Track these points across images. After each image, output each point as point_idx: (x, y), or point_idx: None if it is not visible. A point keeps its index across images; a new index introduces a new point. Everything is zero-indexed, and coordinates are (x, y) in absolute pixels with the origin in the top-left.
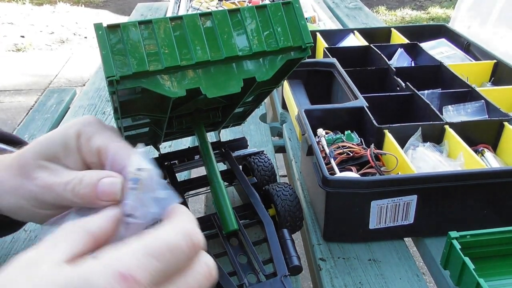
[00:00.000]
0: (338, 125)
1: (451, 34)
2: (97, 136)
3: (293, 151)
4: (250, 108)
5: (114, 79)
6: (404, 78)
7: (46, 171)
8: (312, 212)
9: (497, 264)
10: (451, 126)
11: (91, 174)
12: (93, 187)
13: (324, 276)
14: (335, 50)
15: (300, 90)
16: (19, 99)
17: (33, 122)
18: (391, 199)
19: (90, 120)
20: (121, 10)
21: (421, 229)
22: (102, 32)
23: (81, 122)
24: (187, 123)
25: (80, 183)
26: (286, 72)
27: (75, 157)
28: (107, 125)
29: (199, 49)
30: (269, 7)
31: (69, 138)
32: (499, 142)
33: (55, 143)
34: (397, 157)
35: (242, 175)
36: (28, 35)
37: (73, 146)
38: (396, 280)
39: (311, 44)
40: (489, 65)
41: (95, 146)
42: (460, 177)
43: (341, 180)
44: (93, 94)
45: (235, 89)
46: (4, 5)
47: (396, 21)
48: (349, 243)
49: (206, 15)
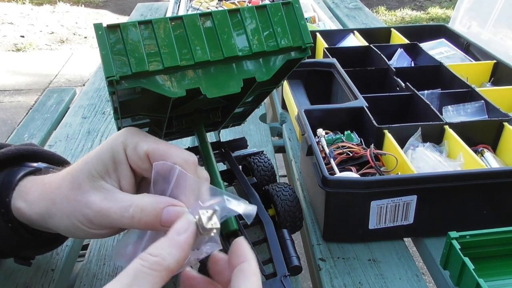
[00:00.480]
0: (338, 125)
1: (450, 34)
2: (143, 142)
3: (293, 151)
4: (250, 108)
5: (114, 79)
6: (404, 78)
7: (100, 194)
8: (312, 212)
9: (497, 264)
10: (450, 126)
11: (151, 202)
12: (156, 216)
13: (324, 276)
14: (335, 50)
15: (300, 90)
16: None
17: (32, 122)
18: (391, 199)
19: (131, 131)
20: (121, 10)
21: (421, 229)
22: (102, 32)
23: (123, 134)
24: (187, 123)
25: (141, 212)
26: (286, 72)
27: (125, 168)
28: (146, 132)
29: (199, 49)
30: (269, 7)
31: (116, 152)
32: (499, 142)
33: (104, 160)
34: (397, 157)
35: (242, 175)
36: (28, 35)
37: (121, 157)
38: (395, 280)
39: (311, 44)
40: (488, 65)
41: (143, 151)
42: (459, 177)
43: (341, 180)
44: (93, 94)
45: (235, 89)
46: (4, 5)
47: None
48: (349, 243)
49: (206, 15)
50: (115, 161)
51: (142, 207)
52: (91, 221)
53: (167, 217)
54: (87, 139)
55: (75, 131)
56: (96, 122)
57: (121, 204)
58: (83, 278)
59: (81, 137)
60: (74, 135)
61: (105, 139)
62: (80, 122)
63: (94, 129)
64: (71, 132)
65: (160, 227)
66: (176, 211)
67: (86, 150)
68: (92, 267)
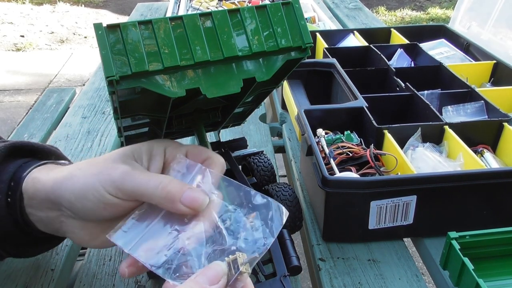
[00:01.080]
0: (337, 125)
1: (450, 34)
2: (183, 147)
3: (292, 151)
4: (250, 108)
5: (114, 79)
6: (404, 79)
7: (130, 165)
8: (312, 212)
9: (497, 264)
10: (450, 126)
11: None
12: (181, 188)
13: (324, 276)
14: (335, 50)
15: (299, 90)
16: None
17: (32, 121)
18: (391, 200)
19: (172, 141)
20: (121, 10)
21: (421, 230)
22: (101, 32)
23: (165, 140)
24: (187, 123)
25: (170, 182)
26: (286, 72)
27: (158, 160)
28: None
29: (199, 49)
30: (269, 7)
31: (155, 148)
32: (499, 142)
33: (141, 150)
34: (397, 158)
35: (241, 175)
36: (28, 35)
37: (159, 152)
38: (395, 280)
39: (311, 45)
40: (488, 65)
41: (184, 150)
42: (459, 177)
43: (341, 180)
44: (93, 94)
45: (235, 89)
46: (4, 5)
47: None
48: (349, 243)
49: (206, 15)
50: (152, 152)
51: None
52: (115, 183)
53: (189, 193)
54: (87, 139)
55: (75, 131)
56: (96, 122)
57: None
58: (83, 278)
59: (81, 137)
60: (74, 135)
61: (105, 138)
62: (80, 122)
63: (94, 129)
64: (71, 132)
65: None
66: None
67: (86, 150)
68: (91, 266)
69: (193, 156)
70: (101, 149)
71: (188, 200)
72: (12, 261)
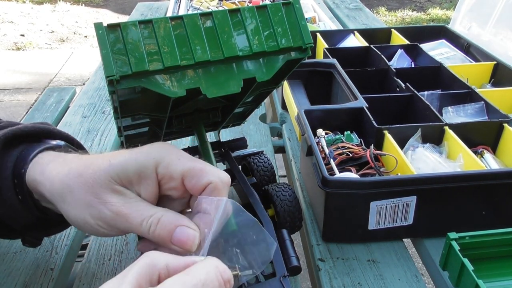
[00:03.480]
0: (337, 126)
1: (451, 35)
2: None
3: (292, 151)
4: (250, 108)
5: (114, 78)
6: (404, 79)
7: (120, 197)
8: (312, 212)
9: (496, 265)
10: (450, 127)
11: (170, 217)
12: (169, 232)
13: (323, 276)
14: (335, 50)
15: (300, 91)
16: (18, 97)
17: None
18: (391, 200)
19: (166, 147)
20: (121, 10)
21: (420, 230)
22: (102, 32)
23: (157, 151)
24: (187, 123)
25: (157, 224)
26: (286, 73)
27: (150, 183)
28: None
29: (199, 49)
30: (269, 7)
31: (145, 167)
32: (499, 143)
33: (129, 171)
34: (397, 158)
35: (241, 175)
36: (28, 34)
37: (149, 174)
38: (395, 280)
39: (311, 45)
40: (489, 66)
41: (178, 171)
42: (459, 178)
43: (341, 181)
44: (93, 93)
45: (235, 89)
46: (4, 4)
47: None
48: (348, 244)
49: (206, 15)
50: (140, 175)
51: (159, 219)
52: (106, 221)
53: (178, 236)
54: (87, 138)
55: (75, 130)
56: (96, 121)
57: (142, 212)
58: (82, 278)
59: (81, 136)
60: (74, 134)
61: (105, 138)
62: (80, 121)
63: (94, 128)
64: (71, 131)
65: (170, 245)
66: (187, 233)
67: None
68: (91, 266)
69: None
70: (101, 149)
71: (179, 243)
72: (11, 260)
